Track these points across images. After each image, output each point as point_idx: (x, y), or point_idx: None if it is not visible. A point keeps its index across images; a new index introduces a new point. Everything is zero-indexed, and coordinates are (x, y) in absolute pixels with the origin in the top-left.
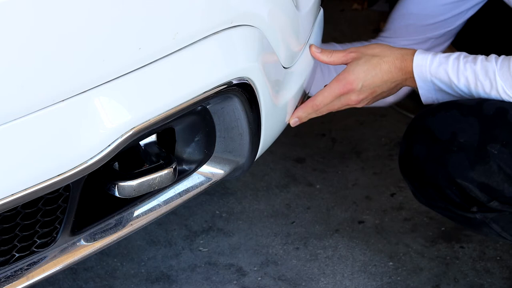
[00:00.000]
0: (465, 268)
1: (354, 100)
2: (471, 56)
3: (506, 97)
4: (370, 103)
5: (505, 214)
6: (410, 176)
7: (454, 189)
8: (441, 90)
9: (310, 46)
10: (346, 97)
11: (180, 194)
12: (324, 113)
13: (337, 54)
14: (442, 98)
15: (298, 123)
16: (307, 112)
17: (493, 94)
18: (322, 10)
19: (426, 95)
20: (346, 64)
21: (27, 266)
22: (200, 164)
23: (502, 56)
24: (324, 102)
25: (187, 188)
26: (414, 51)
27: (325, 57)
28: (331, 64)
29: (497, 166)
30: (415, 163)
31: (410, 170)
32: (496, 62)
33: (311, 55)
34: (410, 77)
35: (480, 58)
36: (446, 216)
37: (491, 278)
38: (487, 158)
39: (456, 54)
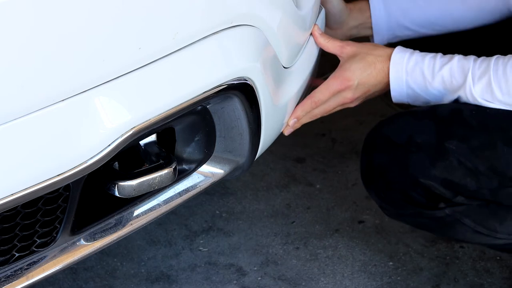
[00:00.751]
0: (465, 268)
1: (349, 98)
2: (448, 55)
3: (470, 98)
4: (362, 101)
5: (473, 207)
6: (375, 187)
7: (418, 189)
8: (412, 92)
9: (315, 25)
10: (342, 95)
11: (180, 194)
12: (319, 116)
13: (334, 43)
14: (412, 102)
15: (292, 129)
16: (305, 110)
17: (460, 92)
18: (324, 10)
19: (397, 96)
20: (339, 56)
21: (27, 265)
22: (200, 163)
23: (481, 58)
24: (322, 99)
25: (187, 188)
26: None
27: (322, 39)
28: (325, 49)
29: (457, 161)
30: (377, 172)
31: (374, 180)
32: (473, 60)
33: (312, 33)
34: (387, 82)
35: (457, 57)
36: (418, 224)
37: (491, 278)
38: (446, 155)
39: (433, 54)
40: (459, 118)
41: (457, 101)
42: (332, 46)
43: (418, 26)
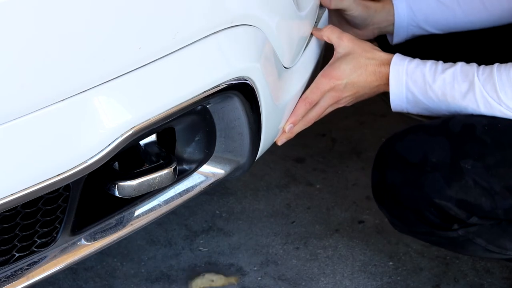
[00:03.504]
0: (465, 268)
1: (337, 97)
2: (449, 63)
3: (481, 99)
4: (352, 103)
5: (485, 226)
6: (387, 205)
7: (432, 210)
8: (411, 97)
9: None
10: (330, 94)
11: (180, 194)
12: (312, 122)
13: (332, 34)
14: (411, 108)
15: (285, 139)
16: (301, 113)
17: (468, 97)
18: (327, 10)
19: (396, 101)
20: (335, 47)
21: (27, 266)
22: (200, 163)
23: (483, 66)
24: (314, 99)
25: (188, 188)
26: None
27: (319, 30)
28: (319, 38)
29: (472, 181)
30: (390, 190)
31: (387, 198)
32: (476, 66)
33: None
34: (386, 85)
35: (460, 63)
36: (429, 241)
37: (491, 278)
38: (461, 174)
39: (432, 61)
40: (472, 135)
41: (458, 113)
42: (332, 36)
43: (438, 30)
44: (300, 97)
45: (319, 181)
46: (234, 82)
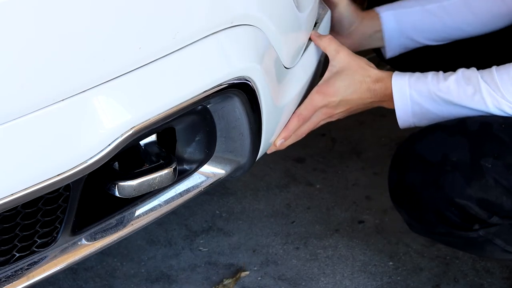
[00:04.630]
0: (465, 268)
1: (329, 113)
2: (449, 72)
3: (489, 98)
4: (345, 116)
5: (505, 227)
6: (406, 206)
7: (453, 209)
8: (418, 109)
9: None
10: (323, 111)
11: (181, 194)
12: (304, 135)
13: (330, 46)
14: (418, 121)
15: (279, 147)
16: (293, 128)
17: (476, 98)
18: (329, 11)
19: (403, 117)
20: (330, 60)
21: (27, 266)
22: (201, 164)
23: (481, 70)
24: (308, 115)
25: (188, 188)
26: (392, 73)
27: (319, 38)
28: (316, 44)
29: (493, 179)
30: (410, 191)
31: (406, 199)
32: (477, 70)
33: (311, 36)
34: (388, 100)
35: (461, 69)
36: (446, 242)
37: (491, 278)
38: (482, 173)
39: (433, 72)
40: (490, 133)
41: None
42: (328, 48)
43: (429, 40)
44: (294, 112)
45: (319, 181)
46: (234, 82)
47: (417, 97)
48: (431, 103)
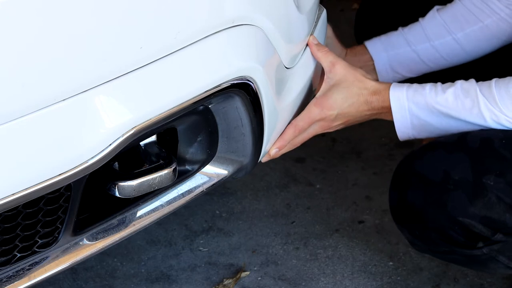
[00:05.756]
0: (465, 268)
1: (327, 126)
2: (448, 83)
3: (487, 113)
4: (342, 128)
5: (508, 243)
6: (408, 225)
7: (457, 228)
8: (416, 122)
9: (310, 35)
10: (320, 124)
11: (183, 195)
12: (298, 145)
13: (326, 57)
14: (417, 133)
15: (273, 156)
16: (288, 139)
17: (474, 112)
18: (325, 10)
19: (402, 129)
20: (326, 73)
21: (28, 266)
22: (203, 164)
23: (480, 82)
24: (304, 127)
25: (190, 189)
26: (390, 84)
27: (316, 49)
28: (317, 60)
29: (495, 197)
30: (412, 210)
31: (408, 218)
32: (476, 83)
33: (308, 42)
34: (386, 112)
35: (459, 81)
36: (450, 260)
37: (491, 278)
38: (485, 191)
39: (431, 83)
40: (491, 149)
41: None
42: (324, 60)
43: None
44: (290, 122)
45: (319, 181)
46: (235, 82)
47: (416, 110)
48: (430, 116)
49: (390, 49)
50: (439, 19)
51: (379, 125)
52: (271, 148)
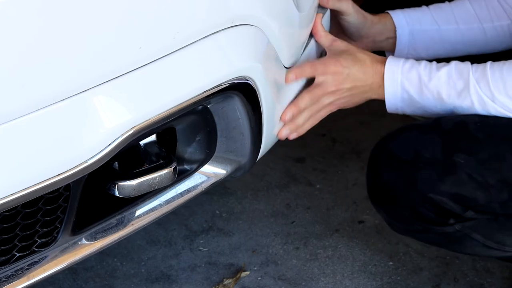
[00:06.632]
0: (465, 268)
1: (338, 83)
2: (443, 62)
3: (475, 97)
4: (344, 104)
5: (482, 221)
6: (383, 204)
7: (428, 205)
8: (406, 96)
9: (318, 14)
10: (335, 78)
11: (181, 194)
12: (307, 129)
13: (327, 35)
14: (405, 107)
15: (289, 131)
16: (311, 98)
17: (463, 95)
18: (328, 11)
19: (391, 101)
20: (327, 49)
21: (27, 265)
22: (201, 164)
23: (476, 64)
24: (324, 79)
25: (189, 188)
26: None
27: (320, 28)
28: (317, 38)
29: (466, 175)
30: (385, 189)
31: (382, 197)
32: (470, 64)
33: (315, 20)
34: (380, 86)
35: (454, 61)
36: (427, 240)
37: (491, 278)
38: (455, 169)
39: (426, 61)
40: (464, 131)
41: (453, 112)
42: (325, 37)
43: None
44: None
45: (319, 181)
46: (234, 81)
47: (408, 86)
48: (420, 95)
49: (415, 23)
50: (469, 6)
51: (379, 125)
52: (282, 113)
